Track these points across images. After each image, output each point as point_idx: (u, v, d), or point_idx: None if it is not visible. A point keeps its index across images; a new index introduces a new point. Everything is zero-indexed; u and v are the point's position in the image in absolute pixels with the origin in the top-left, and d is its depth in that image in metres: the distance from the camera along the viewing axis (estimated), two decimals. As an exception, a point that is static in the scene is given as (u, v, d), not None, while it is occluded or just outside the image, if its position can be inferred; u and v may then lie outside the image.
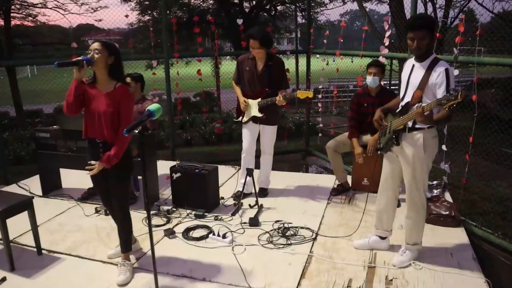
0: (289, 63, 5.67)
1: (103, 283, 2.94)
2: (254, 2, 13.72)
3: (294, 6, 12.62)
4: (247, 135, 4.37)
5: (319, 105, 7.68)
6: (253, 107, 4.24)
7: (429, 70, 2.76)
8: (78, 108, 2.84)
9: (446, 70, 2.68)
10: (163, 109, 2.38)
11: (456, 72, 4.09)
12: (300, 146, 7.54)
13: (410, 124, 2.89)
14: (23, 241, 3.56)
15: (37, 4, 11.40)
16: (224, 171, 5.21)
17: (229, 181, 5.00)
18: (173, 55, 5.98)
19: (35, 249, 3.38)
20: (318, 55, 6.41)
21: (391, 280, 2.92)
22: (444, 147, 4.35)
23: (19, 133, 9.96)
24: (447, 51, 6.31)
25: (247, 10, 13.82)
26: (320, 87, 14.23)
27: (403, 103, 2.96)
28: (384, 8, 14.28)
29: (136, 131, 2.22)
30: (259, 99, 4.18)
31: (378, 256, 3.24)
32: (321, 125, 7.12)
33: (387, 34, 4.95)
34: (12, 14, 11.56)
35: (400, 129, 2.95)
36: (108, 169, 2.84)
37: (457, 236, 3.53)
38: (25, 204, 3.23)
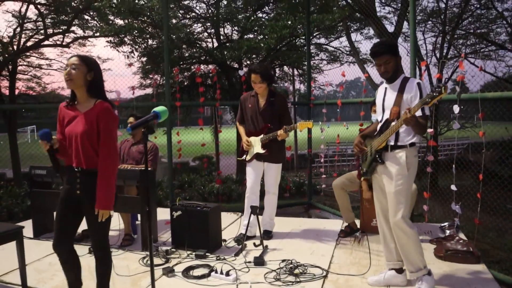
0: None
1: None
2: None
3: (292, 69, 13.01)
4: (251, 173, 4.23)
5: (321, 170, 7.66)
6: (256, 144, 4.15)
7: (402, 87, 2.89)
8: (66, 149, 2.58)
9: (418, 84, 2.84)
10: (163, 172, 2.24)
11: (457, 109, 4.10)
12: (302, 200, 7.34)
13: (392, 142, 2.92)
14: (8, 279, 3.28)
15: (42, 65, 11.69)
16: (226, 217, 4.98)
17: (231, 226, 4.76)
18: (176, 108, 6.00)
19: (20, 287, 3.10)
20: (319, 122, 6.47)
21: (414, 314, 2.65)
22: (453, 187, 4.23)
23: (14, 191, 9.73)
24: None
25: (244, 79, 14.20)
26: (322, 148, 14.34)
27: (382, 123, 2.99)
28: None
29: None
30: (262, 136, 4.11)
31: (395, 292, 2.98)
32: (323, 185, 7.04)
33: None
34: (17, 75, 11.83)
35: (382, 149, 2.94)
36: (85, 207, 2.53)
37: (479, 272, 3.27)
38: (14, 234, 3.01)
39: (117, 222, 4.26)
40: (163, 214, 4.77)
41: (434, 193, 6.62)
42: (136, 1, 8.47)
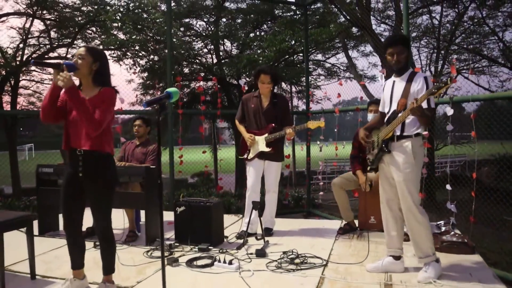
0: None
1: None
2: (252, 82, 14.39)
3: (290, 86, 13.24)
4: (252, 172, 4.35)
5: (320, 184, 7.78)
6: (260, 143, 4.28)
7: (409, 81, 3.02)
8: (55, 115, 2.67)
9: (425, 78, 2.97)
10: (164, 187, 2.37)
11: (450, 111, 4.28)
12: (301, 208, 7.43)
13: (398, 132, 3.04)
14: (17, 269, 3.36)
15: (45, 79, 11.88)
16: (227, 219, 5.05)
17: (232, 226, 4.85)
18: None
19: (28, 275, 3.18)
20: (318, 142, 6.63)
21: (411, 294, 2.75)
22: (448, 186, 4.37)
23: (13, 203, 9.78)
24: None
25: (245, 90, 14.41)
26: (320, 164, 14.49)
27: (389, 114, 3.11)
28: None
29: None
30: (266, 135, 4.24)
31: (394, 277, 3.07)
32: (321, 193, 7.17)
33: (382, 82, 5.22)
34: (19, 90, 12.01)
35: (388, 139, 3.06)
36: (88, 188, 2.69)
37: (474, 261, 3.38)
38: (25, 220, 3.11)
39: (121, 221, 4.36)
40: (165, 216, 4.84)
41: (431, 209, 6.78)
42: (140, 15, 8.72)
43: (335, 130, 6.39)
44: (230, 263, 3.35)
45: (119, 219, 4.20)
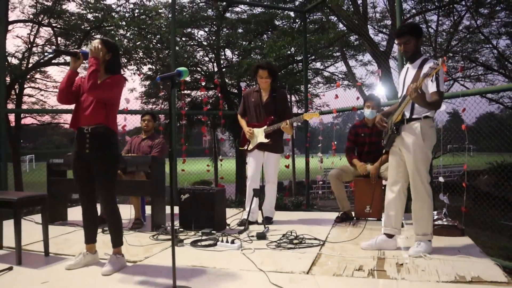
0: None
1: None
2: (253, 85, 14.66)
3: (290, 95, 13.50)
4: (252, 162, 4.56)
5: (319, 192, 7.96)
6: (259, 135, 4.50)
7: (421, 67, 3.17)
8: (70, 97, 2.96)
9: (433, 63, 3.04)
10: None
11: (443, 107, 4.50)
12: (301, 206, 7.59)
13: (407, 115, 3.21)
14: (30, 248, 3.55)
15: (49, 87, 12.17)
16: (228, 212, 5.23)
17: (233, 217, 5.02)
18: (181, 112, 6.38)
19: (42, 253, 3.37)
20: (319, 155, 6.83)
21: (402, 264, 2.94)
22: (441, 179, 4.57)
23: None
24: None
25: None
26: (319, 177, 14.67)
27: (401, 100, 3.28)
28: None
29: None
30: (265, 126, 4.47)
31: (386, 253, 3.26)
32: (320, 192, 7.33)
33: (378, 81, 5.46)
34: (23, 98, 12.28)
35: (399, 122, 3.23)
36: (93, 164, 2.91)
37: (463, 242, 3.57)
38: (40, 199, 3.31)
39: (128, 213, 4.56)
40: (168, 209, 5.02)
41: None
42: (144, 19, 9.00)
43: (335, 142, 6.58)
44: (233, 242, 3.54)
45: (126, 212, 4.40)
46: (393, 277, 2.68)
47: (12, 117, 11.86)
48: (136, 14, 8.53)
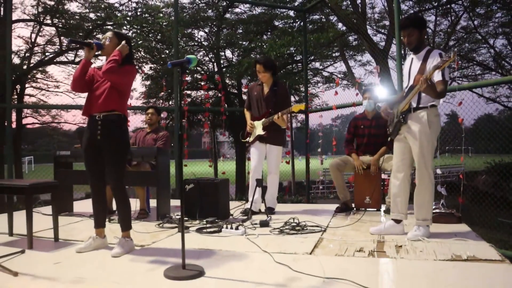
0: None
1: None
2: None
3: (290, 96, 13.61)
4: (255, 154, 4.67)
5: (320, 187, 8.08)
6: (258, 127, 4.62)
7: (426, 58, 3.29)
8: (83, 86, 3.09)
9: (440, 54, 3.20)
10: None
11: (440, 101, 4.63)
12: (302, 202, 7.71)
13: (414, 104, 3.33)
14: (41, 235, 3.65)
15: (50, 86, 12.27)
16: (231, 204, 5.35)
17: (236, 208, 5.12)
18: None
19: (52, 239, 3.48)
20: (318, 156, 6.95)
21: (401, 246, 3.05)
22: (438, 171, 4.70)
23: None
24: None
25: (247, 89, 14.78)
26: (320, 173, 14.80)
27: (407, 90, 3.40)
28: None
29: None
30: (263, 119, 4.59)
31: (386, 237, 3.38)
32: (321, 187, 7.45)
33: (377, 78, 5.59)
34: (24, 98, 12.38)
35: (406, 110, 3.35)
36: (104, 150, 3.03)
37: (460, 228, 3.69)
38: (51, 186, 3.43)
39: (133, 205, 4.66)
40: (174, 202, 5.13)
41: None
42: (146, 18, 9.13)
43: (334, 144, 6.70)
44: (237, 228, 3.66)
45: (131, 203, 4.48)
46: (392, 256, 2.80)
47: (12, 117, 11.95)
48: (139, 13, 8.65)
